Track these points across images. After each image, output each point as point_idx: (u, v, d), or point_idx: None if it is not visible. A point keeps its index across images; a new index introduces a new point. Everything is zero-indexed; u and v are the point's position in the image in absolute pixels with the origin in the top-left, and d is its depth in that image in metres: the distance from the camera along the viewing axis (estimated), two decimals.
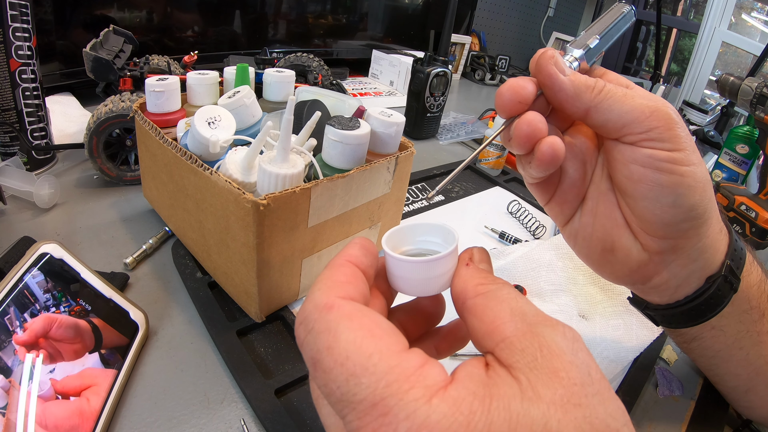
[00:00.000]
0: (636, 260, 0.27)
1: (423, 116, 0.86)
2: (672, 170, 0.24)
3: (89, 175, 0.58)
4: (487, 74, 1.49)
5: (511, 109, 0.25)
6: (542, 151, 0.24)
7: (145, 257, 0.45)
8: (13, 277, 0.29)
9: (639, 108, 0.23)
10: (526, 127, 0.24)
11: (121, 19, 0.81)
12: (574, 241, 0.30)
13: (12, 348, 0.27)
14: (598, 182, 0.28)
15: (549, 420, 0.14)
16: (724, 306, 0.29)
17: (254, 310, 0.38)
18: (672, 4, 2.00)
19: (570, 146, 0.27)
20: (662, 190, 0.24)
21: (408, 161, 0.45)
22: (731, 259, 0.28)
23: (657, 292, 0.30)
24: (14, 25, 0.50)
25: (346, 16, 1.23)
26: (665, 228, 0.26)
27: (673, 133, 0.23)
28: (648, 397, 0.39)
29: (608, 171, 0.27)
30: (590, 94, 0.24)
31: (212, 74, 0.49)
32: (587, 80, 0.24)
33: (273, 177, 0.34)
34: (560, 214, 0.29)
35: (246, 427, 0.31)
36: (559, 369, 0.15)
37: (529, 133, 0.24)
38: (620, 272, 0.29)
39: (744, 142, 0.79)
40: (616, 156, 0.25)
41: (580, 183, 0.28)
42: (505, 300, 0.18)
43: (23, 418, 0.26)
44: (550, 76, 0.24)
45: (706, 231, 0.27)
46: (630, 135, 0.24)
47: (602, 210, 0.28)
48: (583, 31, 0.27)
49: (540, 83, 0.25)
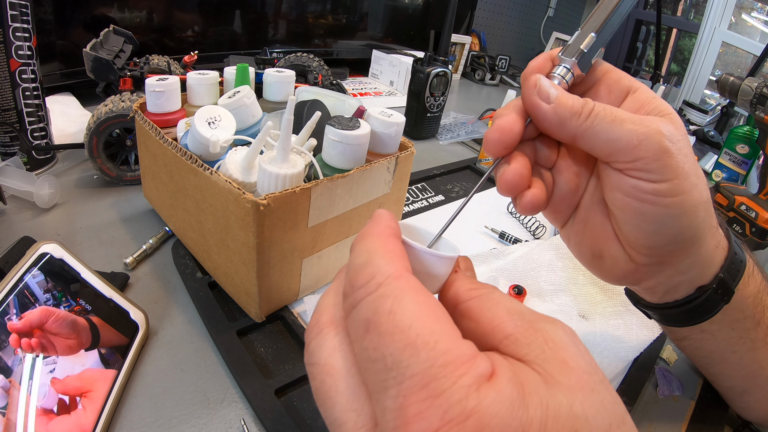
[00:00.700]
0: (624, 268, 0.27)
1: (423, 116, 0.86)
2: (655, 202, 0.23)
3: (89, 175, 0.58)
4: (487, 74, 1.49)
5: (497, 154, 0.25)
6: (523, 204, 0.25)
7: (145, 257, 0.45)
8: (14, 277, 0.29)
9: (627, 137, 0.23)
10: (511, 176, 0.24)
11: (121, 19, 0.81)
12: (568, 243, 0.31)
13: (12, 348, 0.27)
14: (592, 193, 0.28)
15: (573, 403, 0.15)
16: (713, 314, 0.29)
17: (254, 310, 0.38)
18: (672, 4, 2.00)
19: (563, 160, 0.27)
20: (644, 218, 0.24)
21: (408, 161, 0.45)
22: (727, 272, 0.28)
23: (648, 293, 0.30)
24: (14, 25, 0.50)
25: (346, 16, 1.23)
26: (649, 250, 0.26)
27: (661, 163, 0.23)
28: (648, 397, 0.39)
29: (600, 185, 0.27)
30: (576, 122, 0.23)
31: (212, 74, 0.49)
32: (573, 105, 0.23)
33: (273, 177, 0.34)
34: (554, 220, 0.30)
35: (246, 427, 0.31)
36: (568, 359, 0.16)
37: (512, 185, 0.25)
38: (610, 276, 0.29)
39: (744, 142, 0.79)
40: (605, 178, 0.25)
41: (571, 195, 0.28)
42: (500, 301, 0.18)
43: (23, 418, 0.26)
44: (533, 106, 0.24)
45: (695, 249, 0.26)
46: (617, 162, 0.24)
47: (593, 220, 0.28)
48: (579, 28, 0.25)
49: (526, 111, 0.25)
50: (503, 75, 1.54)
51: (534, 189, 0.25)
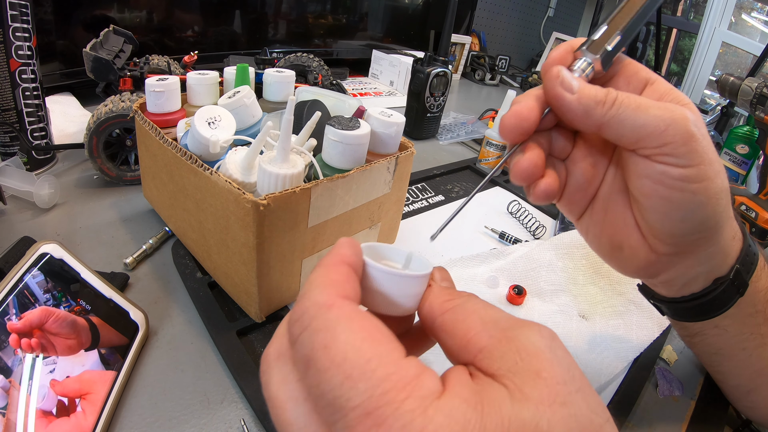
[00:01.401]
0: (644, 259, 0.27)
1: (423, 116, 0.86)
2: (683, 188, 0.23)
3: (89, 175, 0.58)
4: (487, 74, 1.49)
5: (513, 139, 0.25)
6: (536, 193, 0.26)
7: (145, 257, 0.45)
8: (14, 277, 0.29)
9: (654, 122, 0.22)
10: (526, 165, 0.25)
11: (121, 19, 0.81)
12: (586, 235, 0.31)
13: (12, 348, 0.27)
14: (611, 182, 0.28)
15: (539, 420, 0.14)
16: (728, 308, 0.29)
17: (254, 310, 0.38)
18: (672, 4, 2.00)
19: (578, 150, 0.27)
20: (672, 206, 0.24)
21: (408, 161, 0.45)
22: (741, 264, 0.28)
23: (664, 287, 0.30)
24: (14, 25, 0.50)
25: (346, 16, 1.23)
26: (673, 238, 0.26)
27: (689, 148, 0.23)
28: (648, 397, 0.39)
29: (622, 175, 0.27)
30: (601, 110, 0.23)
31: (212, 74, 0.49)
32: (597, 94, 0.23)
33: (273, 177, 0.34)
34: (570, 212, 0.30)
35: (246, 427, 0.31)
36: (541, 369, 0.15)
37: (527, 174, 0.25)
38: (628, 268, 0.29)
39: (744, 142, 0.79)
40: (630, 166, 0.25)
41: (587, 185, 0.28)
42: (474, 311, 0.18)
43: (23, 419, 0.26)
44: (557, 97, 0.24)
45: (717, 239, 0.27)
46: (644, 149, 0.24)
47: (613, 210, 0.28)
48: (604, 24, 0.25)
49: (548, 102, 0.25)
50: (503, 75, 1.54)
51: (548, 178, 0.26)
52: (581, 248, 0.49)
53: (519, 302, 0.45)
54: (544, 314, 0.44)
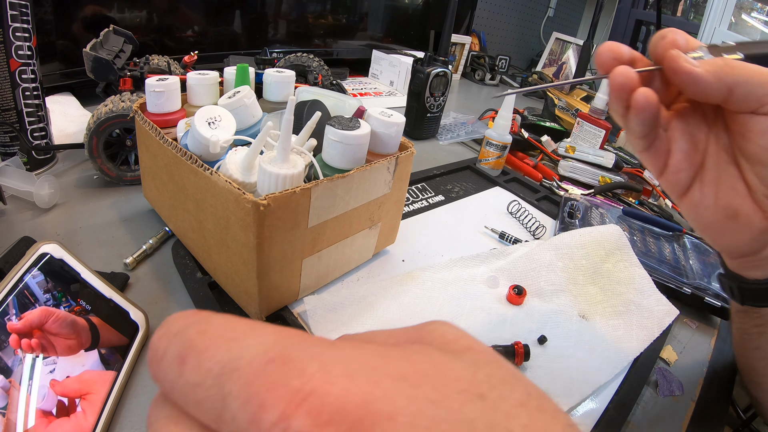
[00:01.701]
0: (758, 227, 0.28)
1: (423, 116, 0.86)
2: None
3: (89, 175, 0.58)
4: (487, 74, 1.49)
5: (608, 66, 0.28)
6: (637, 100, 0.27)
7: (145, 257, 0.45)
8: (13, 277, 0.29)
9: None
10: (621, 77, 0.27)
11: (121, 19, 0.81)
12: (696, 212, 0.31)
13: (12, 349, 0.27)
14: (716, 154, 0.29)
15: None
16: None
17: (254, 310, 0.38)
18: (672, 4, 2.00)
19: (677, 117, 0.29)
20: None
21: (408, 161, 0.45)
22: None
23: (760, 266, 0.31)
24: (14, 25, 0.50)
25: (346, 16, 1.23)
26: None
27: None
28: (648, 397, 0.39)
29: (735, 143, 0.28)
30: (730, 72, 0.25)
31: (212, 74, 0.49)
32: (718, 62, 0.26)
33: (273, 177, 0.34)
34: (676, 184, 0.31)
35: None
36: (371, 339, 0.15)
37: (624, 82, 0.27)
38: (740, 240, 0.30)
39: None
40: (752, 128, 0.26)
41: (692, 152, 0.29)
42: None
43: (23, 419, 0.26)
44: (686, 72, 0.26)
45: None
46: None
47: (724, 180, 0.29)
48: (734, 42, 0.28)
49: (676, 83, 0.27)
50: (503, 75, 1.54)
51: (643, 88, 0.27)
52: (581, 248, 0.49)
53: (519, 302, 0.45)
54: (544, 314, 0.44)
